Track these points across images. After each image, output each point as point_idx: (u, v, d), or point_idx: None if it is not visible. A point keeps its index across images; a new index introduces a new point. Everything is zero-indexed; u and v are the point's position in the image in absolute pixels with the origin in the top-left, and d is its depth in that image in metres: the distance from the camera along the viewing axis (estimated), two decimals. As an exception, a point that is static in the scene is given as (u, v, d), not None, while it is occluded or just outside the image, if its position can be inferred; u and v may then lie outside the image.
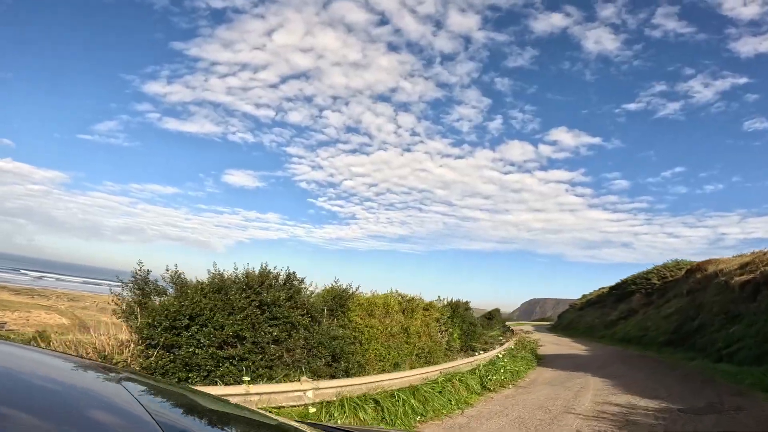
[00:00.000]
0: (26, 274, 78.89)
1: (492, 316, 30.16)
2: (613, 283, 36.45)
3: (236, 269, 6.92)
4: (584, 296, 42.71)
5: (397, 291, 10.61)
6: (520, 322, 46.45)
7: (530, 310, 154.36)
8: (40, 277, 77.33)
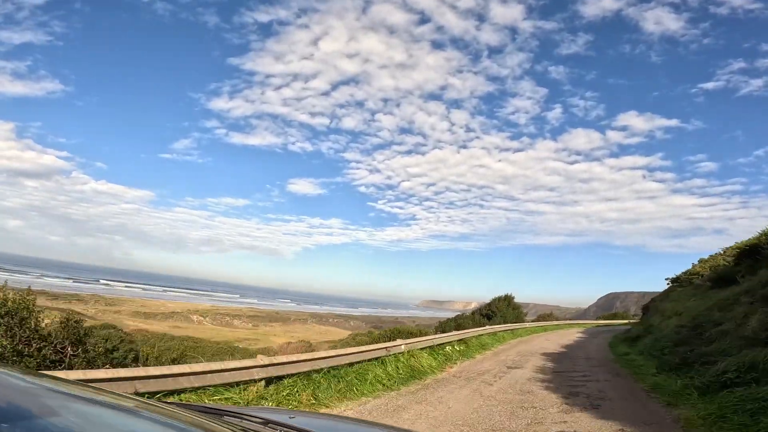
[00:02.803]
0: (105, 284, 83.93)
1: (493, 312, 24.07)
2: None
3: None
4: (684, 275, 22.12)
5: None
6: (566, 323, 35.64)
7: (609, 305, 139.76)
8: (111, 286, 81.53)
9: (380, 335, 14.85)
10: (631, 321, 36.58)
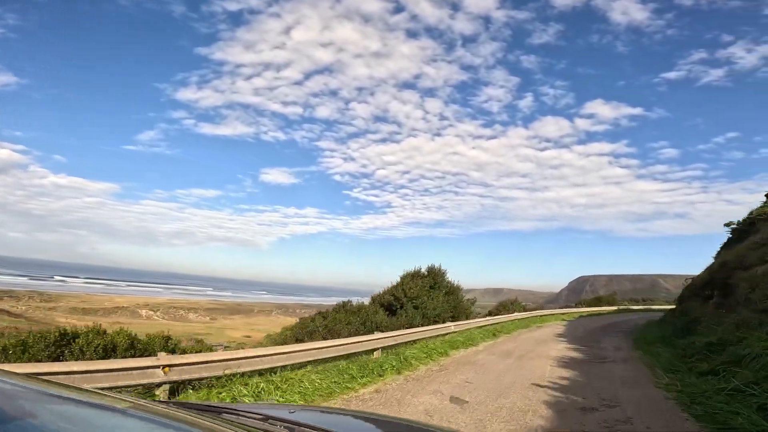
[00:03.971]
0: (61, 280, 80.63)
1: (399, 302, 14.48)
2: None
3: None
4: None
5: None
6: (535, 315, 23.20)
7: (580, 288, 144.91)
8: (65, 282, 78.21)
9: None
10: (630, 307, 34.13)
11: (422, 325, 12.65)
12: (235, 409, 1.34)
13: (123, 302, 52.30)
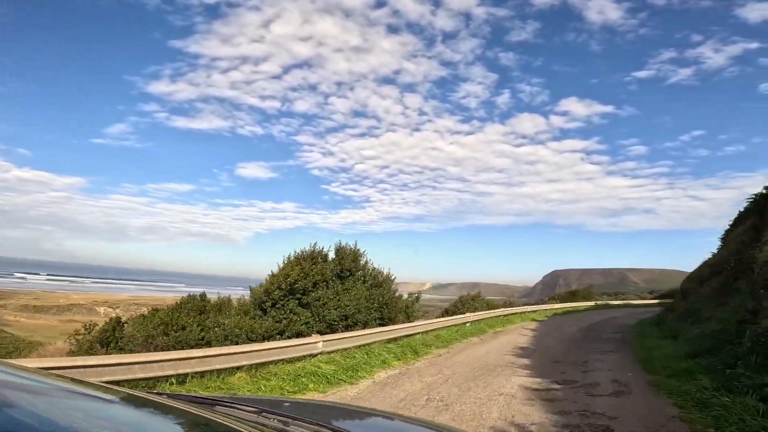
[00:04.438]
0: (21, 277, 78.25)
1: (272, 301, 8.40)
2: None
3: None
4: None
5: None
6: (504, 313, 18.23)
7: (553, 282, 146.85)
8: (25, 279, 75.58)
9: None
10: (608, 302, 29.51)
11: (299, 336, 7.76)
12: (230, 401, 1.33)
13: (80, 299, 50.06)
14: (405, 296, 12.31)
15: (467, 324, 13.74)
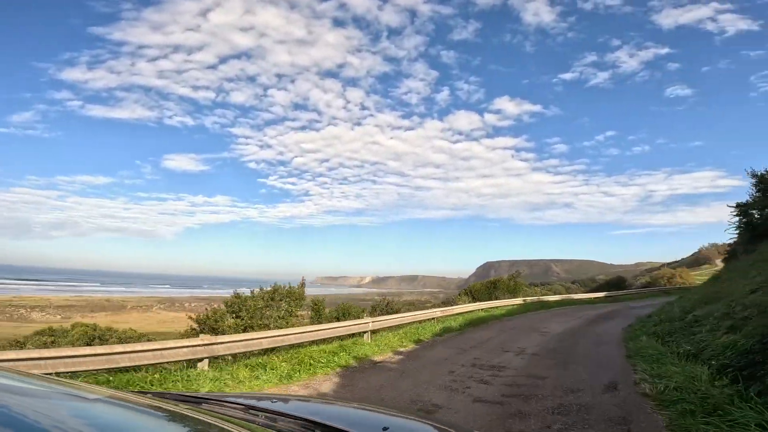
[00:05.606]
0: None
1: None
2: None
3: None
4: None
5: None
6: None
7: (485, 274, 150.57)
8: None
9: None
10: (543, 299, 19.35)
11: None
12: (216, 399, 1.35)
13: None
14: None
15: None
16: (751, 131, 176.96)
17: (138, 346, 5.39)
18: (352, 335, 9.40)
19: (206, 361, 6.07)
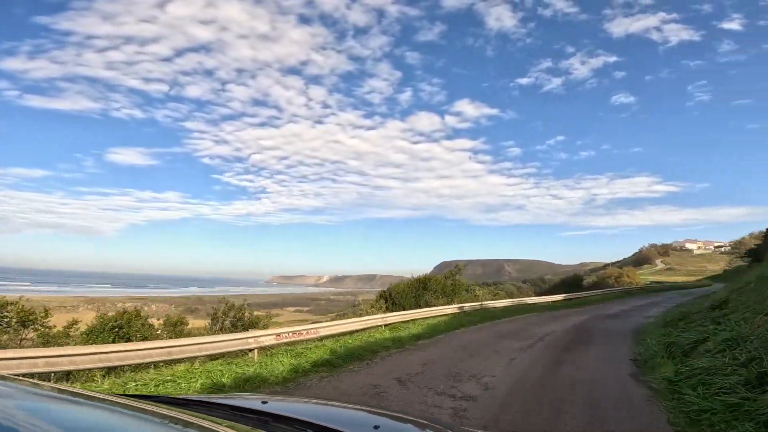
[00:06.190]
0: None
1: None
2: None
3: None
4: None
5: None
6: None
7: (442, 273, 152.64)
8: None
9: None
10: (487, 304, 13.63)
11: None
12: (206, 401, 1.33)
13: None
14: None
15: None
16: (686, 139, 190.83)
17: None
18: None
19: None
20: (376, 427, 1.19)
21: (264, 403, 1.30)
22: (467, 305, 13.88)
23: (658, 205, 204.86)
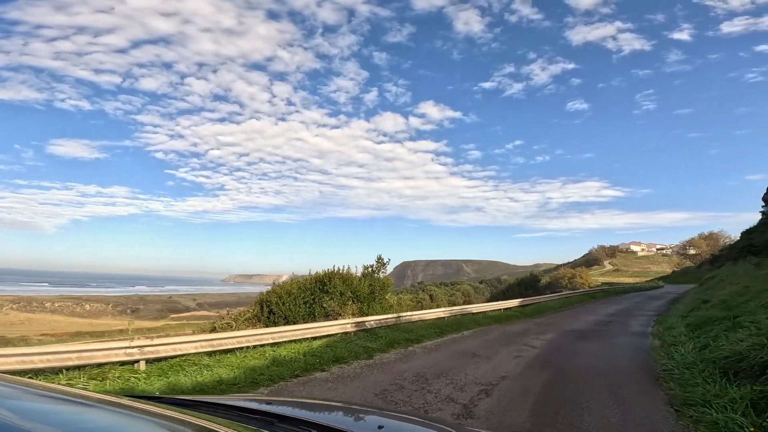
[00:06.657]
0: None
1: None
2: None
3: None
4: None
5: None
6: None
7: (402, 273, 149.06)
8: None
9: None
10: (411, 317, 8.60)
11: None
12: (210, 402, 1.31)
13: None
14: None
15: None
16: (632, 146, 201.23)
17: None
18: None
19: None
20: (380, 428, 1.22)
21: (268, 403, 1.41)
22: (372, 319, 8.81)
23: (606, 209, 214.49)
